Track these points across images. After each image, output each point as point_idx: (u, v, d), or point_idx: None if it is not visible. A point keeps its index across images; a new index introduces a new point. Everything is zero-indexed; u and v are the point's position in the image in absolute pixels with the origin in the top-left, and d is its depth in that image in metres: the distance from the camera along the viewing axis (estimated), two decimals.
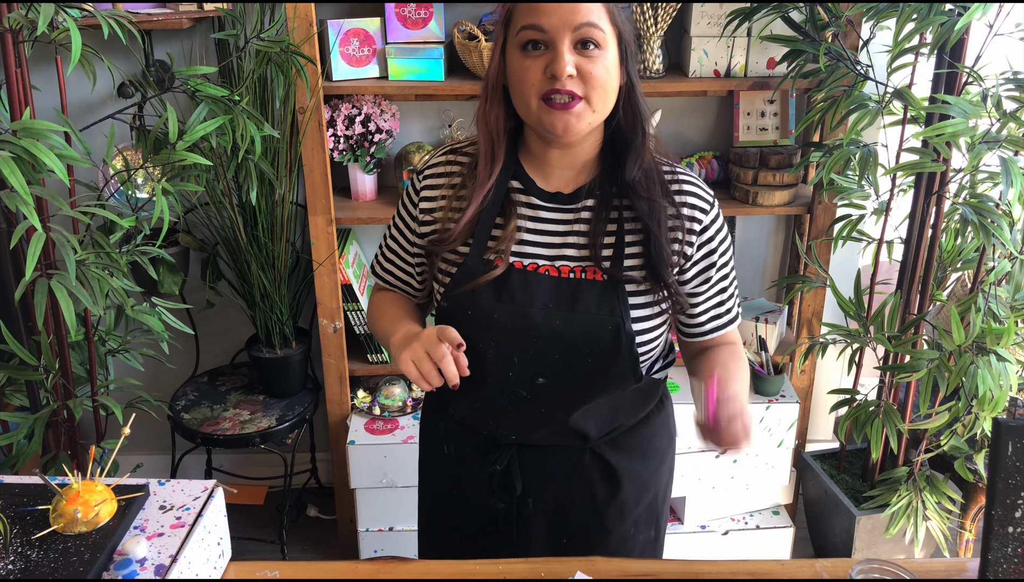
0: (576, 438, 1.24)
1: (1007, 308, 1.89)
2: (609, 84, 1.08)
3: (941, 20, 1.68)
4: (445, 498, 1.36)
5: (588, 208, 1.17)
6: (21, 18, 1.49)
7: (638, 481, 1.29)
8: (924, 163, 1.85)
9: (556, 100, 1.06)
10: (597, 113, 1.09)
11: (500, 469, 1.25)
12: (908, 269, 2.04)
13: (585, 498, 1.27)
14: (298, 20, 1.93)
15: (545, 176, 1.19)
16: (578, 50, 1.06)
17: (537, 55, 1.06)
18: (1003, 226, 1.79)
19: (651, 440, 1.31)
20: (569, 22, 1.04)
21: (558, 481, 1.26)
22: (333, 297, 2.21)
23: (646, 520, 1.33)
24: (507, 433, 1.24)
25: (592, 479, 1.26)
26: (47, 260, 1.59)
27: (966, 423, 1.95)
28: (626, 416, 1.27)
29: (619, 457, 1.27)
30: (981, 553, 1.01)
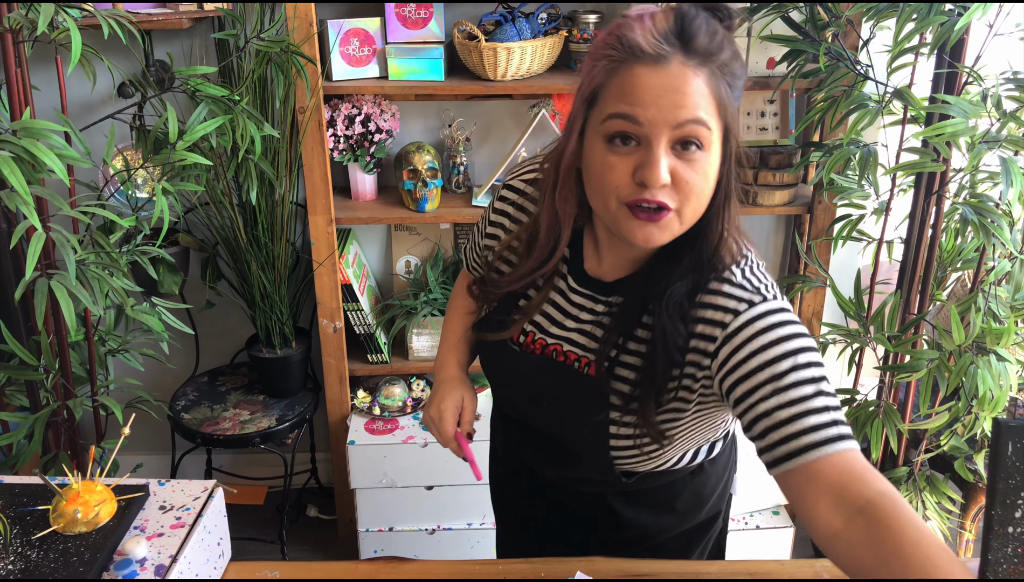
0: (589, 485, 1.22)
1: (1007, 308, 1.89)
2: (704, 193, 0.91)
3: (941, 20, 1.68)
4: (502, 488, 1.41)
5: (616, 305, 1.04)
6: (21, 18, 1.49)
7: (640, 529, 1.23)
8: (924, 163, 1.85)
9: (642, 211, 0.89)
10: (685, 225, 0.92)
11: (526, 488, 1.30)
12: (908, 269, 2.04)
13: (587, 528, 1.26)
14: (298, 20, 1.93)
15: (596, 259, 1.07)
16: (676, 151, 0.88)
17: (626, 152, 0.89)
18: (1003, 226, 1.78)
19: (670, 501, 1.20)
20: (671, 119, 0.86)
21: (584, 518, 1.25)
22: (333, 297, 2.21)
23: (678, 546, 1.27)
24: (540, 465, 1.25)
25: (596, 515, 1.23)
26: (47, 260, 1.59)
27: (966, 423, 1.95)
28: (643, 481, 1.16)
29: (626, 507, 1.21)
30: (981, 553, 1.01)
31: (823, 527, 0.85)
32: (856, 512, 0.83)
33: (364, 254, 2.46)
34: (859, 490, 0.84)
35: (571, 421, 1.09)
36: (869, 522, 0.81)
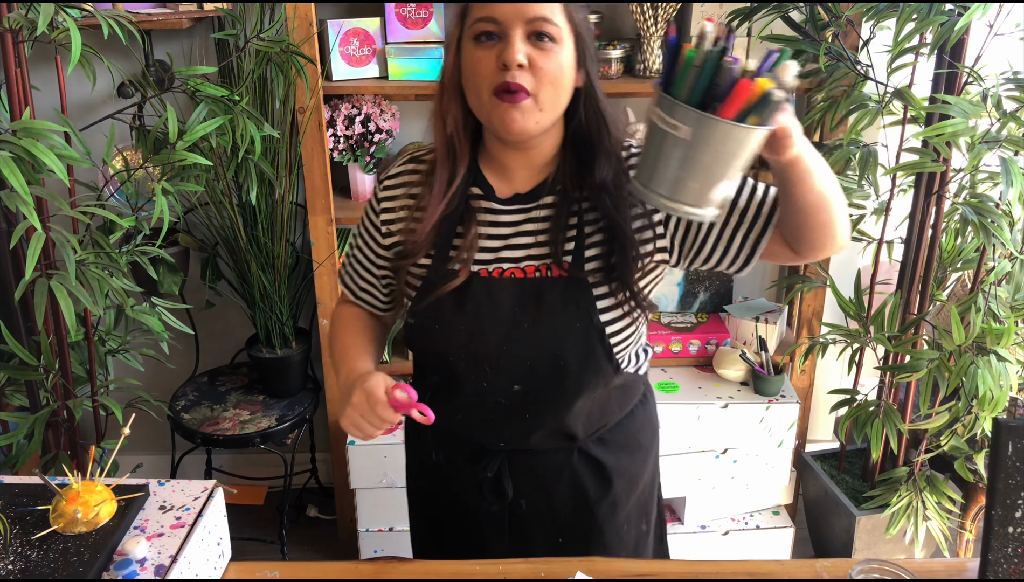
0: (565, 439, 1.23)
1: (1007, 308, 1.89)
2: (560, 81, 1.06)
3: (941, 20, 1.68)
4: (437, 502, 1.34)
5: (546, 205, 1.15)
6: (21, 18, 1.49)
7: (627, 476, 1.29)
8: (924, 163, 1.85)
9: (506, 95, 1.04)
10: (545, 112, 1.07)
11: (491, 476, 1.24)
12: (908, 269, 2.04)
13: (577, 497, 1.26)
14: (298, 20, 1.93)
15: (504, 179, 1.17)
16: (532, 42, 1.04)
17: (490, 45, 1.05)
18: (1003, 226, 1.79)
19: (636, 435, 1.31)
20: (522, 13, 1.04)
21: (549, 483, 1.25)
22: (333, 297, 2.21)
23: (636, 515, 1.34)
24: (494, 440, 1.24)
25: (582, 478, 1.26)
26: (47, 260, 1.59)
27: (966, 423, 1.95)
28: (611, 414, 1.26)
29: (607, 454, 1.26)
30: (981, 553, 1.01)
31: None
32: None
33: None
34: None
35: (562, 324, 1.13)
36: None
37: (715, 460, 2.23)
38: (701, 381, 2.29)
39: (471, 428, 1.24)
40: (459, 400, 1.20)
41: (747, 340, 2.33)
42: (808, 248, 1.09)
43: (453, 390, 1.20)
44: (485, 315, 1.13)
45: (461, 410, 1.21)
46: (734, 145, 0.82)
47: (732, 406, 2.19)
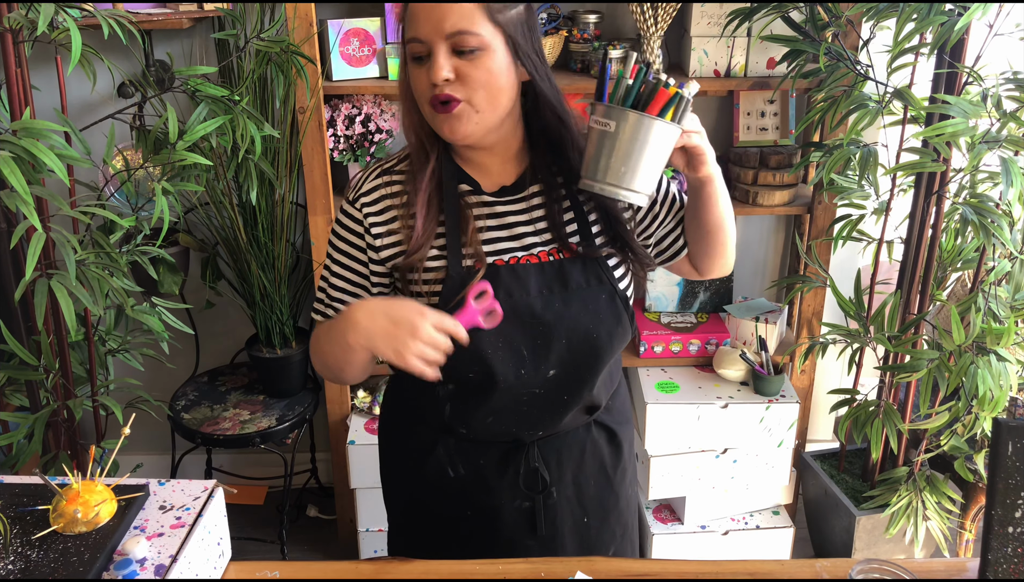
0: (587, 414, 1.28)
1: (1007, 308, 1.89)
2: (493, 85, 1.09)
3: (941, 20, 1.68)
4: (462, 517, 1.30)
5: (535, 194, 1.20)
6: (21, 18, 1.49)
7: (628, 439, 1.37)
8: (924, 163, 1.85)
9: (439, 106, 1.09)
10: (483, 113, 1.10)
11: (522, 471, 1.25)
12: (908, 269, 2.04)
13: (597, 469, 1.31)
14: (298, 20, 1.93)
15: (483, 175, 1.21)
16: (462, 57, 1.08)
17: (422, 63, 1.09)
18: (1003, 226, 1.79)
19: (625, 400, 1.39)
20: (440, 31, 1.06)
21: (575, 461, 1.29)
22: None
23: (632, 476, 1.41)
24: (532, 431, 1.24)
25: (601, 449, 1.31)
26: (47, 260, 1.59)
27: (966, 423, 1.95)
28: (613, 380, 1.33)
29: (614, 420, 1.32)
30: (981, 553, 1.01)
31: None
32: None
33: None
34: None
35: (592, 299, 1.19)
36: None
37: (715, 460, 2.23)
38: (701, 381, 2.29)
39: (506, 425, 1.22)
40: (493, 397, 1.19)
41: (747, 340, 2.33)
42: (706, 265, 1.29)
43: (487, 388, 1.18)
44: (517, 301, 1.15)
45: (495, 408, 1.21)
46: (653, 135, 1.03)
47: (732, 406, 2.19)
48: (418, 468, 1.30)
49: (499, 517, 1.27)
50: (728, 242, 1.25)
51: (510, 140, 1.18)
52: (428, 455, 1.28)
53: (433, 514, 1.32)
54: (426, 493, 1.31)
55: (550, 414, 1.23)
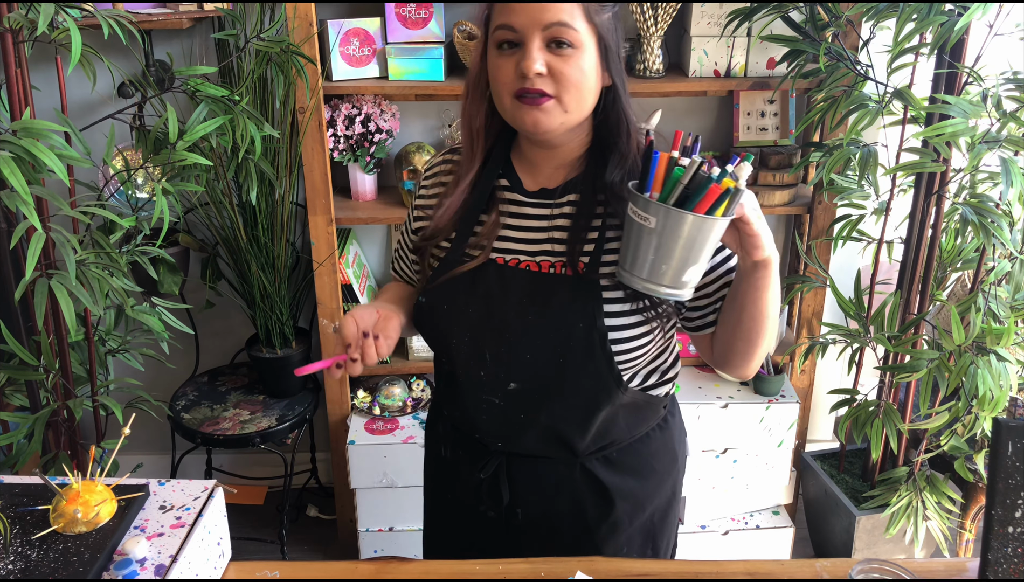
0: (564, 449, 1.21)
1: (1007, 308, 1.89)
2: (584, 85, 1.07)
3: (941, 20, 1.68)
4: (444, 500, 1.35)
5: (570, 203, 1.16)
6: (21, 18, 1.49)
7: (632, 500, 1.25)
8: (924, 163, 1.85)
9: (527, 97, 1.06)
10: (570, 113, 1.08)
11: (487, 476, 1.24)
12: (908, 269, 2.04)
13: (575, 513, 1.24)
14: (298, 20, 1.93)
15: (532, 174, 1.19)
16: (551, 49, 1.05)
17: (510, 54, 1.06)
18: (1003, 226, 1.79)
19: (649, 459, 1.26)
20: (539, 20, 1.04)
21: (548, 493, 1.24)
22: (333, 297, 2.21)
23: (641, 540, 1.30)
24: (492, 440, 1.23)
25: (582, 495, 1.23)
26: (47, 260, 1.59)
27: (966, 423, 1.95)
28: (619, 432, 1.22)
29: (611, 475, 1.23)
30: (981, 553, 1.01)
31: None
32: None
33: (364, 254, 2.46)
34: None
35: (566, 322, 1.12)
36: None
37: (715, 460, 2.23)
38: (701, 381, 2.29)
39: (471, 424, 1.24)
40: (458, 391, 1.21)
41: None
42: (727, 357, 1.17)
43: (454, 380, 1.21)
44: (494, 301, 1.14)
45: (459, 403, 1.22)
46: (702, 234, 0.94)
47: (732, 406, 2.19)
48: (428, 443, 1.38)
49: (469, 514, 1.29)
50: (761, 343, 1.12)
51: (573, 144, 1.16)
52: (432, 430, 1.35)
53: (433, 492, 1.39)
54: (430, 468, 1.38)
55: (507, 429, 1.20)
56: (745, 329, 1.10)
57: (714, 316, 1.18)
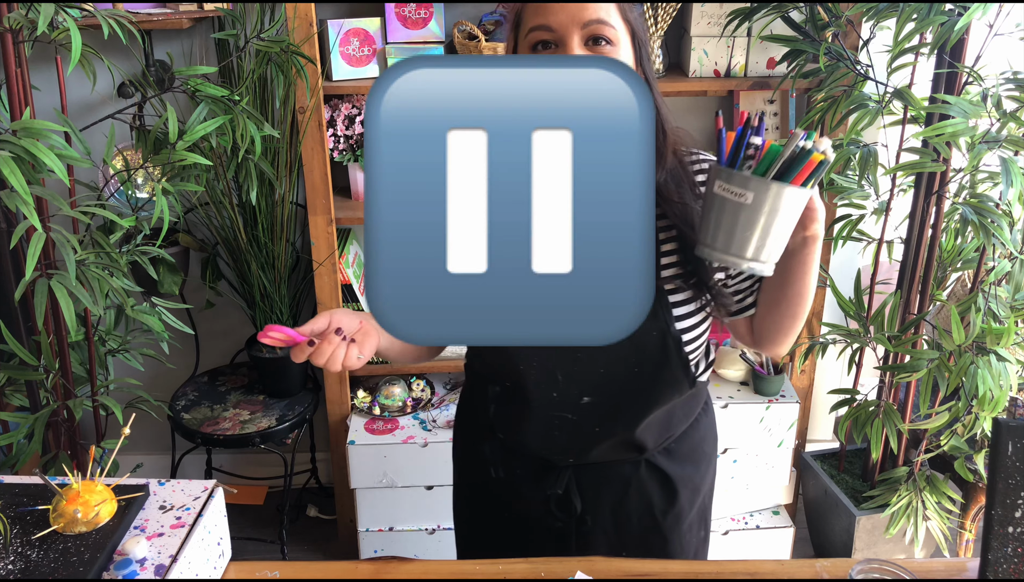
0: (633, 451, 1.22)
1: (1007, 308, 1.89)
2: None
3: (941, 20, 1.68)
4: (499, 519, 1.31)
5: None
6: (21, 18, 1.49)
7: (691, 486, 1.28)
8: (924, 163, 1.85)
9: None
10: None
11: (560, 492, 1.22)
12: (908, 269, 2.04)
13: (643, 509, 1.25)
14: (298, 20, 1.93)
15: None
16: (589, 47, 1.03)
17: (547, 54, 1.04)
18: (1003, 226, 1.79)
19: (700, 444, 1.29)
20: (578, 19, 1.01)
21: (616, 495, 1.24)
22: (333, 297, 2.21)
23: (698, 522, 1.33)
24: (562, 455, 1.21)
25: (649, 489, 1.24)
26: (47, 260, 1.59)
27: (966, 423, 1.95)
28: (678, 424, 1.24)
29: (673, 465, 1.25)
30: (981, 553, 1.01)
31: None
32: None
33: (364, 254, 2.46)
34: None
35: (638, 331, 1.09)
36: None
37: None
38: None
39: (537, 442, 1.21)
40: (526, 412, 1.18)
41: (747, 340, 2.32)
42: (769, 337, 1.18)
43: (520, 401, 1.17)
44: None
45: (527, 423, 1.19)
46: (795, 206, 0.95)
47: (732, 406, 2.19)
48: (465, 466, 1.34)
49: (533, 530, 1.26)
50: (803, 318, 1.14)
51: None
52: (478, 451, 1.30)
53: (474, 511, 1.34)
54: (472, 489, 1.33)
55: (580, 442, 1.19)
56: (791, 305, 1.11)
57: (752, 298, 1.19)
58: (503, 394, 1.21)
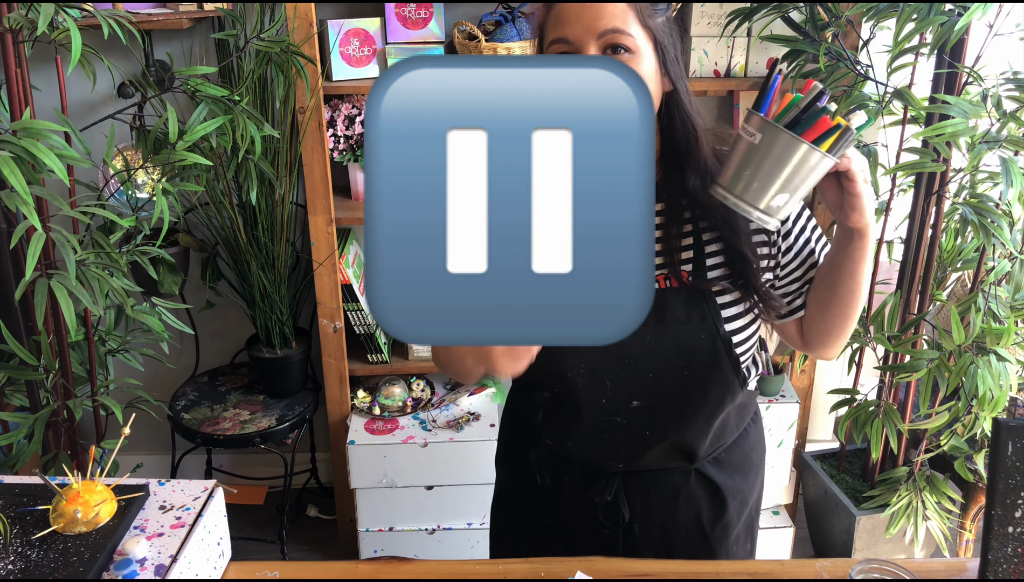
0: (683, 459, 1.21)
1: (1007, 308, 1.89)
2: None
3: (941, 20, 1.68)
4: (544, 527, 1.30)
5: (658, 214, 1.11)
6: (21, 18, 1.49)
7: (740, 498, 1.27)
8: (924, 163, 1.85)
9: None
10: None
11: (609, 499, 1.22)
12: (908, 269, 2.04)
13: (691, 519, 1.24)
14: (298, 20, 1.93)
15: None
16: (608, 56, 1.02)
17: None
18: (1003, 226, 1.79)
19: (749, 454, 1.28)
20: (593, 29, 1.02)
21: (665, 505, 1.23)
22: (333, 297, 2.21)
23: (745, 534, 1.32)
24: (612, 461, 1.21)
25: (698, 500, 1.23)
26: (47, 260, 1.59)
27: (966, 423, 1.95)
28: (729, 433, 1.24)
29: (723, 475, 1.24)
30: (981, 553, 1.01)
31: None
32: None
33: (364, 254, 2.46)
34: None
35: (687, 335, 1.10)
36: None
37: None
38: None
39: (586, 448, 1.20)
40: (575, 418, 1.17)
41: None
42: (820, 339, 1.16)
43: (569, 408, 1.17)
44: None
45: (576, 429, 1.18)
46: (799, 159, 0.94)
47: None
48: (510, 471, 1.33)
49: (579, 537, 1.25)
50: (855, 318, 1.12)
51: None
52: (524, 457, 1.29)
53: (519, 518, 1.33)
54: (520, 493, 1.32)
55: (630, 447, 1.18)
56: (841, 305, 1.10)
57: (801, 300, 1.18)
58: (551, 400, 1.20)
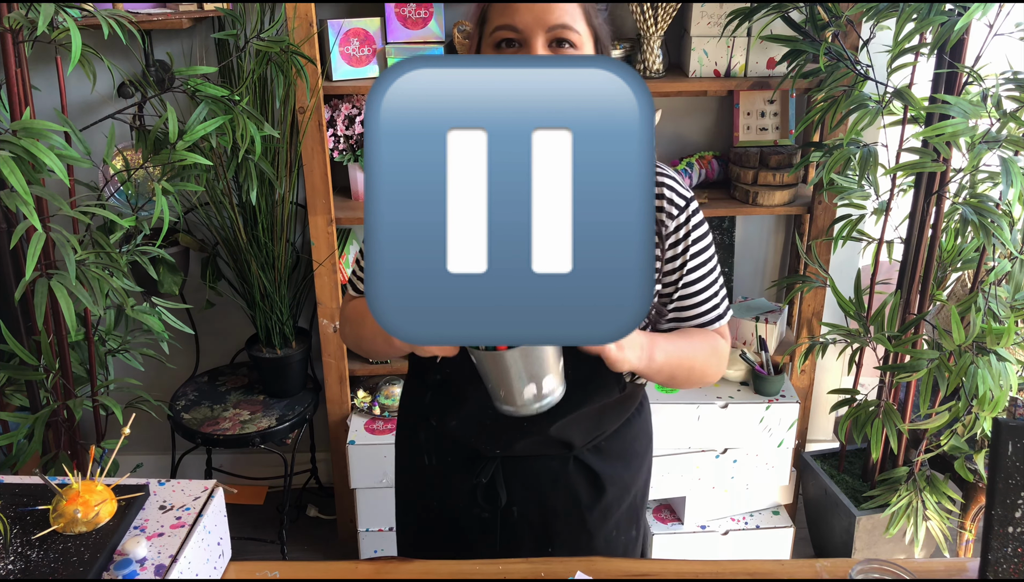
0: (560, 447, 1.23)
1: (1007, 308, 1.89)
2: None
3: (941, 20, 1.68)
4: (425, 505, 1.35)
5: None
6: (21, 18, 1.49)
7: (620, 485, 1.30)
8: (924, 163, 1.85)
9: None
10: None
11: (485, 481, 1.25)
12: (908, 269, 2.04)
13: (569, 504, 1.27)
14: (298, 20, 1.93)
15: None
16: (552, 49, 1.04)
17: (511, 53, 1.05)
18: (1003, 226, 1.79)
19: (632, 444, 1.31)
20: (543, 21, 1.03)
21: (543, 489, 1.25)
22: (333, 297, 2.21)
23: (627, 521, 1.34)
24: (490, 446, 1.24)
25: (576, 486, 1.26)
26: (47, 260, 1.59)
27: (966, 423, 1.95)
28: (609, 423, 1.26)
29: (602, 463, 1.27)
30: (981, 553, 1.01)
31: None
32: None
33: (364, 254, 2.46)
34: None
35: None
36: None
37: (715, 460, 2.23)
38: None
39: (467, 434, 1.24)
40: (458, 404, 1.20)
41: (747, 340, 2.32)
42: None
43: (454, 392, 1.20)
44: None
45: (459, 414, 1.22)
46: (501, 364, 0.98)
47: (732, 406, 2.19)
48: (403, 451, 1.36)
49: (460, 519, 1.28)
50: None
51: None
52: (411, 438, 1.33)
53: (408, 496, 1.37)
54: (407, 474, 1.36)
55: (506, 434, 1.21)
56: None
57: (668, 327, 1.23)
58: (441, 383, 1.23)
